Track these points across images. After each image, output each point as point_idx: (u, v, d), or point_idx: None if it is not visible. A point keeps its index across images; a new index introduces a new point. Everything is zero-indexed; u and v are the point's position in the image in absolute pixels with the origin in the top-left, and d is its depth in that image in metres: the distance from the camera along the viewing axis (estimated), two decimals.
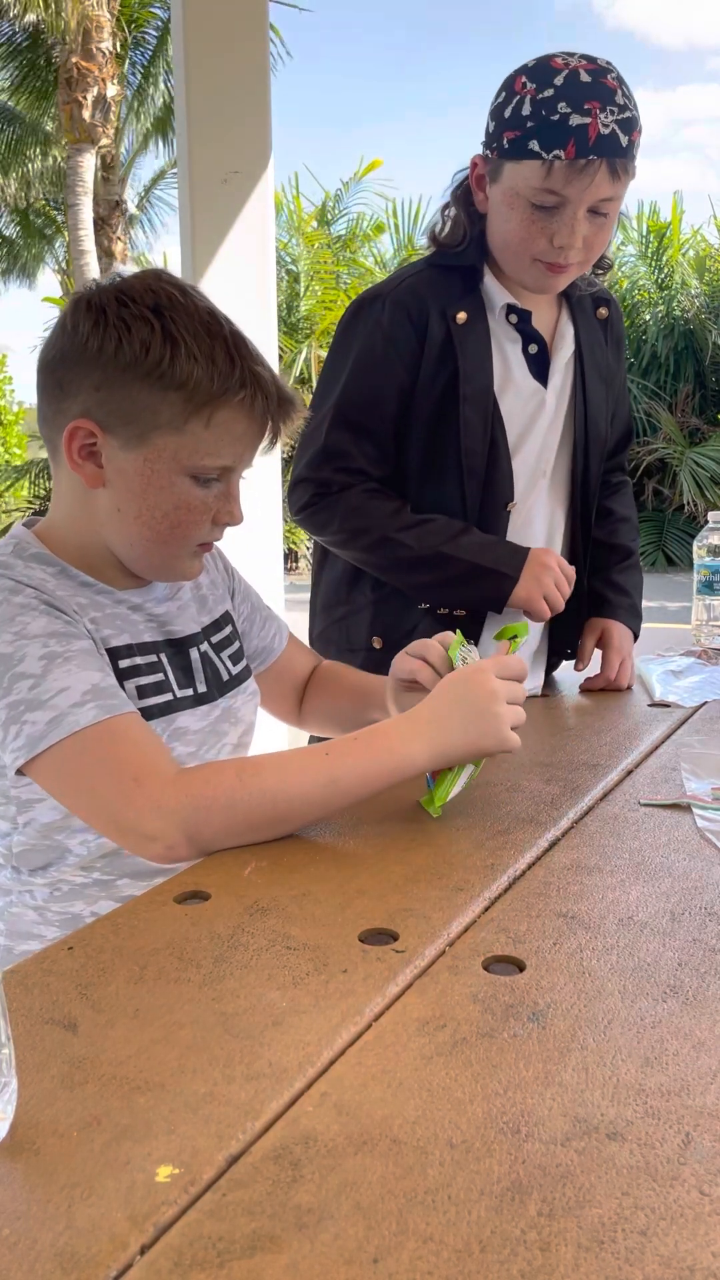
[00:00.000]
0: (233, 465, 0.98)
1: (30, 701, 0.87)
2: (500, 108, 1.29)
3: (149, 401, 0.93)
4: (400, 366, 1.38)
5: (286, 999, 0.64)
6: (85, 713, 0.87)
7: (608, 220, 1.32)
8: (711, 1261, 0.42)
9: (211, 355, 0.92)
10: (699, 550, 1.78)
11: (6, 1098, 0.51)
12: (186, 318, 0.93)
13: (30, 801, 0.95)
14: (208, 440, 0.95)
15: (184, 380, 0.92)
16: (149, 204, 16.86)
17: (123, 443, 0.95)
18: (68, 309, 0.96)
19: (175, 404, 0.93)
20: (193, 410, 0.93)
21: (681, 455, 13.10)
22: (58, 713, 0.87)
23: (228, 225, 2.77)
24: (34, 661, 0.89)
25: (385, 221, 15.28)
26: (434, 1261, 0.42)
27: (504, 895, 0.79)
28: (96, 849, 0.97)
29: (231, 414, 0.95)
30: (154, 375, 0.91)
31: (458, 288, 1.39)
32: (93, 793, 0.87)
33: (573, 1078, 0.55)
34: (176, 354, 0.91)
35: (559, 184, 1.25)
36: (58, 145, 14.54)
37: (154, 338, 0.91)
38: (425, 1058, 0.57)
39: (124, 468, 0.96)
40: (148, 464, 0.95)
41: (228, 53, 2.71)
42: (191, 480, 0.97)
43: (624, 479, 1.69)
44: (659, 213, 14.82)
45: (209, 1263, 0.43)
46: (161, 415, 0.93)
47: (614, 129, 1.22)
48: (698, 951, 0.69)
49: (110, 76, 12.91)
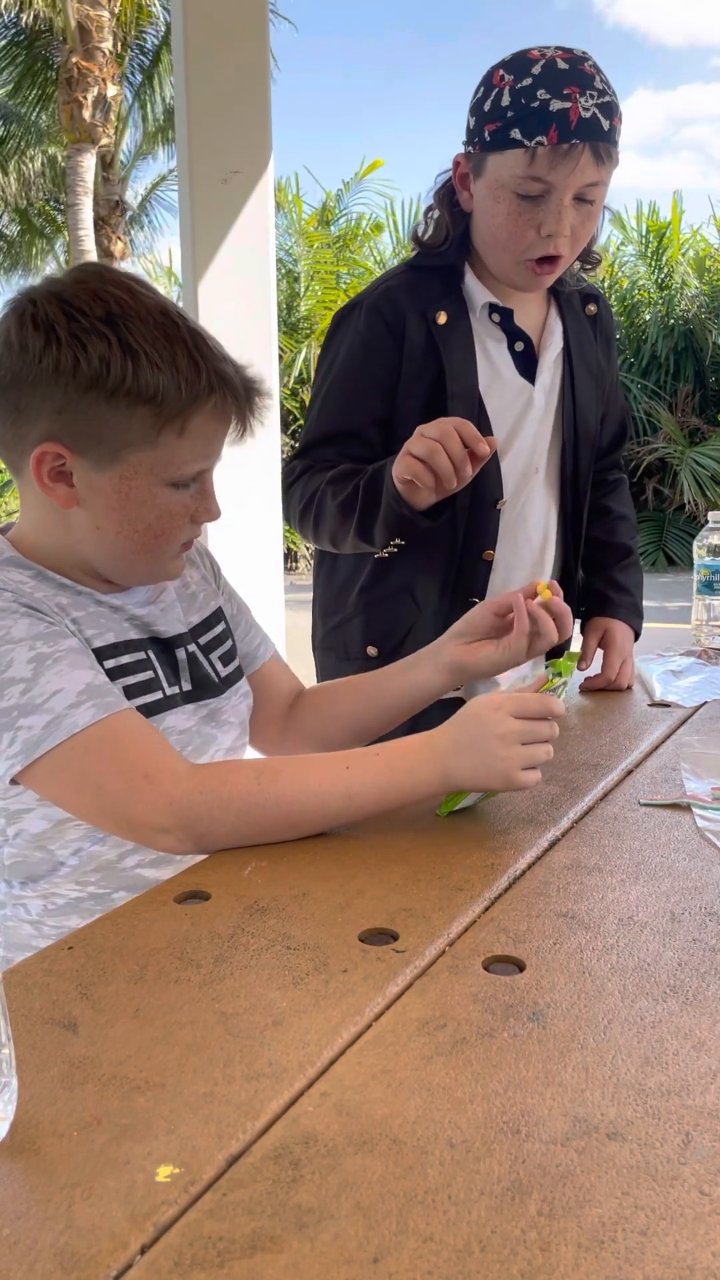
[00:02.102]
0: (208, 466, 0.97)
1: (24, 706, 0.86)
2: (480, 102, 1.29)
3: (117, 420, 0.89)
4: (382, 371, 1.39)
5: (286, 999, 0.64)
6: (83, 713, 0.86)
7: (594, 209, 1.31)
8: (711, 1261, 0.42)
9: (174, 363, 0.89)
10: (699, 550, 1.78)
11: (6, 1098, 0.51)
12: (141, 324, 0.88)
13: (19, 812, 0.93)
14: (183, 449, 0.92)
15: (151, 394, 0.88)
16: (149, 204, 16.87)
17: (94, 463, 0.91)
18: (10, 324, 0.90)
19: (145, 419, 0.89)
20: (164, 422, 0.90)
21: (682, 455, 13.10)
22: (54, 715, 0.85)
23: (228, 225, 2.77)
24: (22, 665, 0.87)
25: (384, 221, 15.27)
26: (434, 1261, 0.42)
27: (504, 895, 0.79)
28: (90, 860, 0.95)
29: (203, 420, 0.92)
30: (119, 393, 0.88)
31: (438, 288, 1.39)
32: (99, 791, 0.86)
33: (573, 1078, 0.55)
34: (139, 367, 0.87)
35: (543, 170, 1.24)
36: (57, 144, 14.54)
37: (112, 353, 0.87)
38: (425, 1057, 0.57)
39: (99, 486, 0.92)
40: (124, 481, 0.92)
41: (228, 53, 2.71)
42: (170, 488, 0.94)
43: (620, 476, 1.68)
44: (658, 212, 14.81)
45: (209, 1262, 0.43)
46: (132, 432, 0.90)
47: (594, 113, 1.22)
48: (698, 951, 0.69)
49: (110, 76, 12.91)
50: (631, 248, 14.74)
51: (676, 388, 13.97)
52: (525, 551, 1.49)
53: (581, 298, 1.53)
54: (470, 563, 1.43)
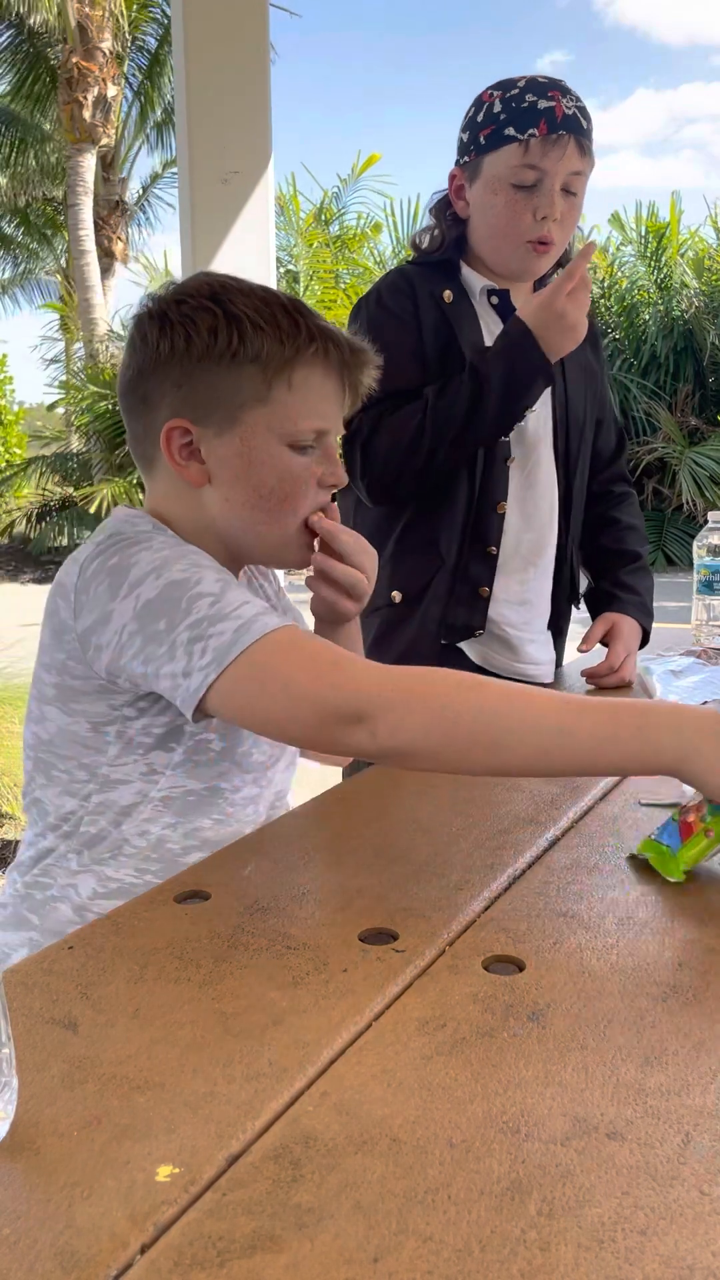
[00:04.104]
0: (324, 426, 0.99)
1: (213, 616, 0.85)
2: (472, 118, 1.46)
3: (229, 382, 0.95)
4: (411, 332, 1.48)
5: (286, 999, 0.64)
6: (272, 619, 0.85)
7: (577, 201, 1.47)
8: (711, 1261, 0.42)
9: (275, 321, 0.95)
10: (699, 550, 1.78)
11: (7, 1097, 0.51)
12: (243, 296, 0.96)
13: (116, 782, 0.95)
14: (294, 403, 0.96)
15: (256, 352, 0.94)
16: (148, 203, 16.87)
17: (217, 430, 0.96)
18: (132, 328, 0.99)
19: (254, 376, 0.95)
20: (272, 376, 0.95)
21: (681, 455, 13.10)
22: (243, 620, 0.85)
23: (228, 225, 2.76)
24: (211, 583, 0.88)
25: (383, 220, 15.26)
26: (434, 1261, 0.42)
27: (504, 895, 0.79)
28: (155, 845, 0.96)
29: (309, 370, 0.97)
30: (227, 356, 0.94)
31: (440, 276, 1.53)
32: (289, 685, 0.82)
33: (573, 1077, 0.55)
34: (242, 329, 0.94)
35: (536, 158, 1.40)
36: (56, 144, 14.53)
37: (218, 322, 0.94)
38: (425, 1057, 0.57)
39: (224, 454, 0.97)
40: (244, 443, 0.96)
41: (228, 53, 2.71)
42: (290, 450, 0.98)
43: (627, 490, 1.75)
44: (657, 213, 14.78)
45: (209, 1262, 0.43)
46: (244, 391, 0.95)
47: (575, 112, 1.41)
48: (698, 951, 0.69)
49: (110, 76, 12.91)
50: (631, 248, 14.75)
51: (676, 388, 13.97)
52: (534, 513, 1.57)
53: None
54: (485, 514, 1.53)
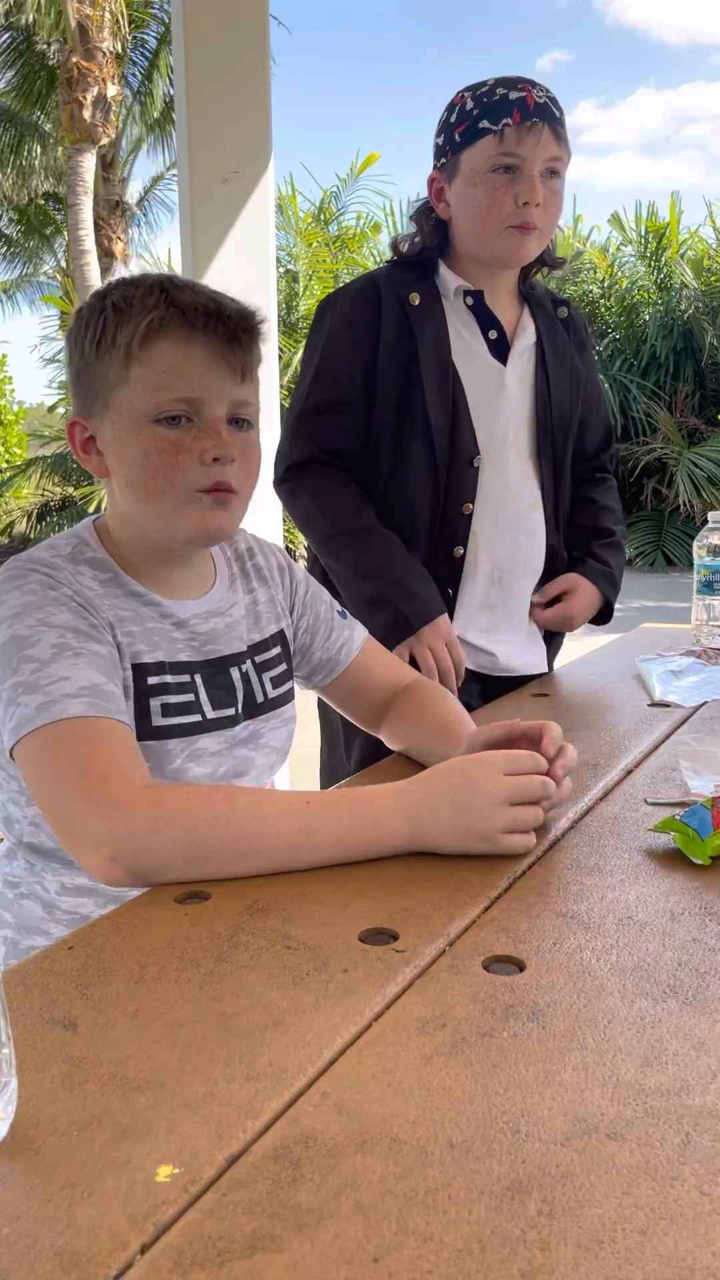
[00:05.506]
0: (193, 395, 0.95)
1: (29, 684, 0.87)
2: (446, 121, 1.50)
3: (100, 369, 0.97)
4: (364, 346, 1.52)
5: (286, 999, 0.64)
6: (75, 704, 0.86)
7: (559, 185, 1.49)
8: (711, 1261, 0.42)
9: (136, 303, 0.95)
10: (699, 550, 1.79)
11: (6, 1097, 0.51)
12: (127, 286, 0.97)
13: None
14: (149, 377, 0.95)
15: (114, 336, 0.95)
16: (148, 203, 16.86)
17: (98, 419, 0.99)
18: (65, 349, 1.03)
19: (117, 361, 0.96)
20: (129, 356, 0.95)
21: (679, 455, 13.09)
22: (49, 699, 0.86)
23: (228, 225, 2.76)
24: (45, 648, 0.89)
25: (382, 220, 15.25)
26: (434, 1261, 0.42)
27: (504, 895, 0.79)
28: None
29: (160, 344, 0.95)
30: (102, 345, 0.96)
31: (412, 276, 1.55)
32: (56, 781, 0.84)
33: (573, 1077, 0.55)
34: (108, 318, 0.96)
35: (513, 145, 1.43)
36: (58, 143, 14.53)
37: (95, 316, 0.97)
38: (425, 1057, 0.57)
39: (107, 442, 0.99)
40: (114, 426, 0.97)
41: (228, 53, 2.70)
42: (156, 424, 0.95)
43: (606, 475, 1.77)
44: (657, 213, 14.79)
45: (209, 1262, 0.43)
46: (110, 376, 0.96)
47: (547, 101, 1.44)
48: (698, 951, 0.69)
49: (110, 76, 12.89)
50: (631, 248, 14.75)
51: (675, 388, 13.97)
52: (504, 513, 1.58)
53: (554, 303, 1.67)
54: (451, 515, 1.54)
